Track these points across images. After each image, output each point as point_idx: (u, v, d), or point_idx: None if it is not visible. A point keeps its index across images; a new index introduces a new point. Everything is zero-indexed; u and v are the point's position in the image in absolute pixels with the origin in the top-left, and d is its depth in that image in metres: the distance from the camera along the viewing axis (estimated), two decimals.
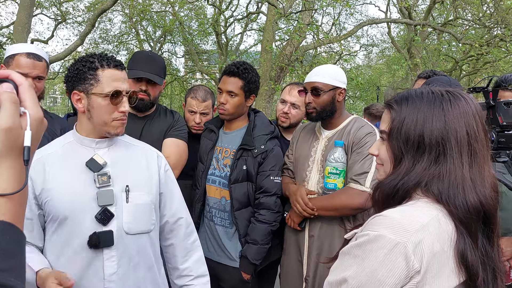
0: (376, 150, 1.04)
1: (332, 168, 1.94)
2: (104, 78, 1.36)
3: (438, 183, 0.90)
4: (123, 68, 1.42)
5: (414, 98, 0.96)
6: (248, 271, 2.06)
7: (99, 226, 1.35)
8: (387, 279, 0.82)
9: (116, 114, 1.38)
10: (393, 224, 0.85)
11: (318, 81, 1.99)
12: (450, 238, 0.86)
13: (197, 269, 1.60)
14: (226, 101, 2.09)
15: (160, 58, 2.20)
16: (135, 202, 1.42)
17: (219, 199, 2.13)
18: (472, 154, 0.91)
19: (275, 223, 2.07)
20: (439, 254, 0.84)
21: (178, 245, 1.58)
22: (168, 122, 2.15)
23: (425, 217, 0.87)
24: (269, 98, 9.74)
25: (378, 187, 1.00)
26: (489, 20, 10.23)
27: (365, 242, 0.86)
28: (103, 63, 1.37)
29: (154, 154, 1.57)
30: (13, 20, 11.09)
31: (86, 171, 1.38)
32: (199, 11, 14.53)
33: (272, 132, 2.15)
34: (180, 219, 1.58)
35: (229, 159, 2.11)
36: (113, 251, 1.36)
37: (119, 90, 1.36)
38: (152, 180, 1.50)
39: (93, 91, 1.36)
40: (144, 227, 1.45)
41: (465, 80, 14.47)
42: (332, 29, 15.10)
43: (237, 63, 2.12)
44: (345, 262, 0.89)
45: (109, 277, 1.35)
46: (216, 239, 2.13)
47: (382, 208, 0.96)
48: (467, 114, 0.93)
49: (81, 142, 1.43)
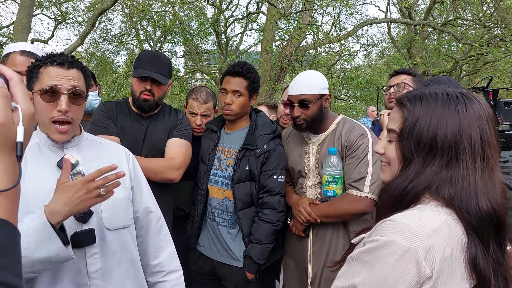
0: (382, 148, 1.01)
1: (329, 177, 1.95)
2: (44, 75, 1.31)
3: (450, 188, 0.88)
4: (72, 66, 1.33)
5: (428, 98, 0.93)
6: (252, 271, 2.06)
7: (79, 225, 1.32)
8: (398, 285, 0.80)
9: (52, 113, 1.29)
10: (403, 229, 0.83)
11: (305, 93, 1.97)
12: (460, 243, 0.85)
13: (169, 264, 1.57)
14: (231, 101, 2.08)
15: (166, 58, 2.18)
16: (112, 197, 1.33)
17: (222, 199, 2.13)
18: (485, 159, 0.89)
19: (279, 222, 2.07)
20: (449, 259, 0.82)
21: (149, 240, 1.55)
22: (172, 121, 2.14)
23: (435, 221, 0.85)
24: (269, 98, 9.73)
25: (386, 189, 0.97)
26: (489, 20, 10.23)
27: (375, 248, 0.84)
28: (46, 61, 1.32)
29: (122, 150, 1.55)
30: (13, 20, 11.10)
31: (58, 171, 1.31)
32: (199, 11, 14.52)
33: (274, 131, 2.14)
34: (150, 214, 1.55)
35: (232, 159, 2.11)
36: (95, 248, 1.34)
37: (53, 86, 1.27)
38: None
39: (34, 89, 1.31)
40: (124, 221, 1.43)
41: (465, 80, 14.47)
42: (332, 29, 15.11)
43: (240, 64, 2.11)
44: (354, 268, 0.87)
45: (93, 274, 1.33)
46: (220, 240, 2.13)
47: (390, 211, 0.93)
48: (481, 118, 0.90)
49: (47, 143, 1.37)
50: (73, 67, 1.33)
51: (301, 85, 1.99)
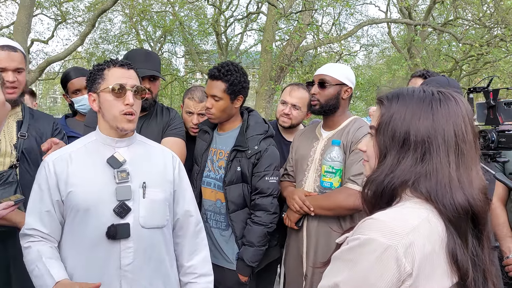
0: (364, 146, 1.05)
1: (328, 167, 1.95)
2: (109, 76, 1.50)
3: (426, 182, 0.90)
4: (130, 67, 1.54)
5: (404, 96, 0.97)
6: (245, 273, 2.05)
7: (117, 219, 1.45)
8: (379, 283, 0.81)
9: (122, 107, 1.47)
10: (383, 227, 0.85)
11: (326, 74, 2.02)
12: (441, 239, 0.86)
13: (201, 267, 1.67)
14: (211, 105, 2.06)
15: (156, 55, 2.22)
16: (151, 198, 1.52)
17: (214, 201, 2.12)
18: (459, 154, 0.91)
19: (271, 224, 2.05)
20: (430, 255, 0.84)
21: (186, 242, 1.67)
22: (165, 120, 2.14)
23: (415, 218, 0.86)
24: (269, 98, 9.73)
25: (366, 184, 1.00)
26: (489, 20, 10.23)
27: (356, 246, 0.86)
28: (109, 64, 1.52)
29: (169, 155, 1.67)
30: (13, 20, 11.10)
31: (107, 167, 1.49)
32: (199, 11, 14.51)
33: (266, 131, 2.12)
34: (191, 218, 1.67)
35: (224, 161, 2.09)
36: (129, 243, 1.46)
37: (121, 84, 1.47)
38: (167, 178, 1.60)
39: (101, 89, 1.50)
40: (159, 222, 1.54)
41: (465, 80, 14.46)
42: (332, 29, 15.09)
43: (220, 65, 2.07)
44: (337, 266, 0.89)
45: (125, 267, 1.45)
46: (213, 241, 2.12)
47: (372, 208, 0.96)
48: (456, 114, 0.92)
49: (103, 141, 1.54)
50: (131, 68, 1.55)
51: (327, 67, 2.07)
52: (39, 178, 1.50)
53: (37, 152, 1.94)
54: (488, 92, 1.83)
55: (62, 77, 2.57)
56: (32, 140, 1.96)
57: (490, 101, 1.82)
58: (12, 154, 1.88)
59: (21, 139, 1.93)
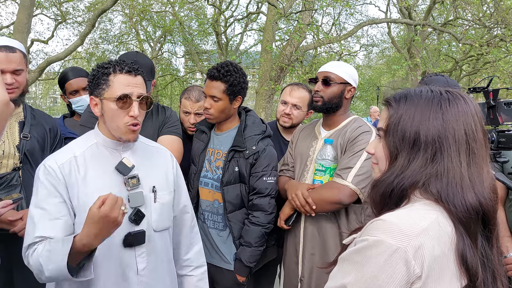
0: (372, 149, 1.04)
1: (318, 165, 1.94)
2: (115, 83, 1.40)
3: (436, 183, 0.89)
4: (137, 73, 1.44)
5: (412, 96, 0.96)
6: (243, 274, 2.04)
7: (132, 226, 1.43)
8: (387, 285, 0.80)
9: (126, 119, 1.40)
10: (392, 228, 0.83)
11: (331, 71, 2.02)
12: (450, 240, 0.85)
13: (197, 260, 1.72)
14: (210, 105, 2.05)
15: (147, 60, 2.13)
16: (161, 202, 1.52)
17: (212, 201, 2.11)
18: (470, 153, 0.90)
19: (269, 225, 2.04)
20: (440, 257, 0.82)
21: (183, 237, 1.68)
22: (160, 119, 2.12)
23: (425, 220, 0.85)
24: (269, 98, 9.72)
25: (374, 185, 0.98)
26: (489, 20, 10.22)
27: (364, 247, 0.84)
28: (115, 69, 1.41)
29: (167, 154, 1.66)
30: (13, 20, 11.10)
31: (116, 174, 1.44)
32: (199, 11, 14.52)
33: (263, 131, 2.10)
34: (187, 214, 1.69)
35: (221, 161, 2.08)
36: (143, 248, 1.46)
37: (127, 94, 1.39)
38: (169, 179, 1.60)
39: (105, 95, 1.41)
40: (167, 223, 1.56)
41: (465, 80, 14.47)
42: (332, 29, 15.09)
43: (219, 65, 2.04)
44: (344, 268, 0.87)
45: (142, 271, 1.46)
46: (210, 242, 2.11)
47: (380, 209, 0.95)
48: (465, 114, 0.92)
49: (107, 144, 1.48)
50: (139, 74, 1.45)
51: (332, 64, 2.06)
52: (46, 183, 1.37)
53: (39, 154, 1.93)
54: (488, 92, 1.83)
55: (60, 78, 2.55)
56: (34, 141, 1.95)
57: (490, 101, 1.82)
58: (15, 156, 1.87)
59: (24, 140, 1.91)
